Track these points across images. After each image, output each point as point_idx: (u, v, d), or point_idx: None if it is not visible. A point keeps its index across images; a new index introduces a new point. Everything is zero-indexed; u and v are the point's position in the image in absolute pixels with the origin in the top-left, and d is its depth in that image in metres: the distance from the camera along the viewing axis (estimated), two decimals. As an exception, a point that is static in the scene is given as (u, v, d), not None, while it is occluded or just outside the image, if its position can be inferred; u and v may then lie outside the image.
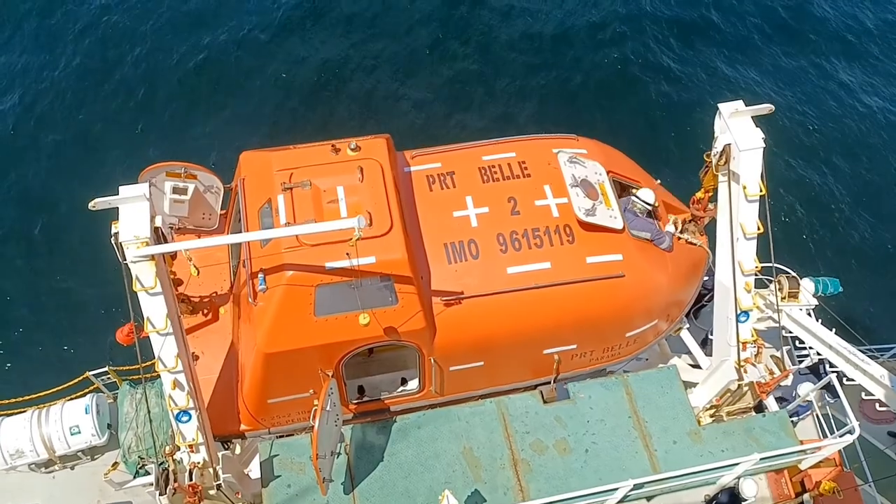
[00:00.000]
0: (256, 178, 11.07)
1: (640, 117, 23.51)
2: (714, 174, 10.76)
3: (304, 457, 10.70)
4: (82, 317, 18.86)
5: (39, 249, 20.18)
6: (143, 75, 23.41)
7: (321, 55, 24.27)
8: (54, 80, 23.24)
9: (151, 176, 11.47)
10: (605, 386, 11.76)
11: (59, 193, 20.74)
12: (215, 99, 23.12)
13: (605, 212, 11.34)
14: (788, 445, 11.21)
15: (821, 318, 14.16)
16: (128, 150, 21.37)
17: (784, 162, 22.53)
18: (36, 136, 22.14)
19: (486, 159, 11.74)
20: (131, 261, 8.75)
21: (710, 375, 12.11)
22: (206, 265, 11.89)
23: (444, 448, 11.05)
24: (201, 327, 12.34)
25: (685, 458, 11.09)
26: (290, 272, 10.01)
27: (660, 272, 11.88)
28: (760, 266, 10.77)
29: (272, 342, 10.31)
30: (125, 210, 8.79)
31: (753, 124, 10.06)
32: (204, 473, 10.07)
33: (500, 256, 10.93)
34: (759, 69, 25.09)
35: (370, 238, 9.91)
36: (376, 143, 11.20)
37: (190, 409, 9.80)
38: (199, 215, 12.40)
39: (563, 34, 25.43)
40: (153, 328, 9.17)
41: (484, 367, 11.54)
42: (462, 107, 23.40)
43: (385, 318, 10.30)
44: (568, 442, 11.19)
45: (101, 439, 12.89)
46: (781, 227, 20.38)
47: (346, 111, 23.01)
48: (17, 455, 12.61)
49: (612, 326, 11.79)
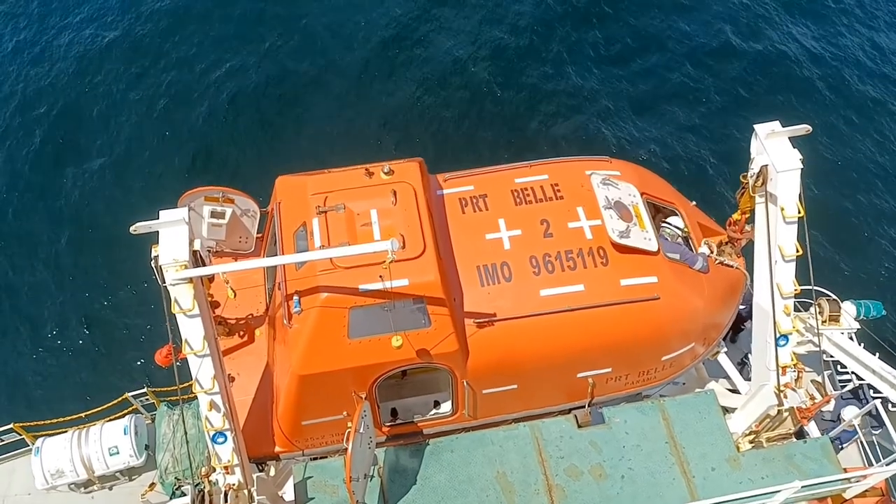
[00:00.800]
0: (292, 201, 11.24)
1: (676, 138, 23.37)
2: (751, 196, 10.63)
3: (338, 479, 10.69)
4: (122, 339, 19.24)
5: (80, 273, 20.68)
6: (183, 102, 24.03)
7: (354, 81, 24.65)
8: (95, 104, 23.97)
9: (190, 200, 11.70)
10: (641, 410, 11.58)
11: (101, 216, 21.31)
12: (253, 125, 23.61)
13: (640, 234, 11.26)
14: (831, 473, 10.89)
15: (863, 342, 13.85)
16: (168, 174, 21.88)
17: (823, 182, 22.15)
18: (79, 161, 22.80)
19: (518, 182, 11.76)
20: (170, 283, 8.92)
21: (749, 400, 11.86)
22: (242, 288, 12.10)
23: (478, 472, 10.96)
24: (237, 349, 12.47)
25: (724, 485, 10.84)
26: (324, 294, 10.10)
27: (696, 295, 11.72)
28: (800, 289, 10.58)
29: (306, 364, 10.39)
30: (165, 234, 8.99)
31: (790, 145, 9.95)
32: (239, 495, 10.14)
33: (533, 279, 10.90)
34: (797, 89, 24.80)
35: (403, 261, 9.97)
36: (409, 167, 11.31)
37: (226, 431, 9.89)
38: (235, 239, 12.60)
39: (596, 55, 25.49)
40: (191, 350, 9.31)
41: (517, 390, 11.47)
42: (494, 129, 23.53)
43: (418, 340, 10.32)
44: (604, 467, 11.02)
45: (138, 460, 13.06)
46: (821, 248, 20.01)
47: (379, 135, 23.30)
48: (58, 475, 12.83)
49: (648, 350, 11.65)
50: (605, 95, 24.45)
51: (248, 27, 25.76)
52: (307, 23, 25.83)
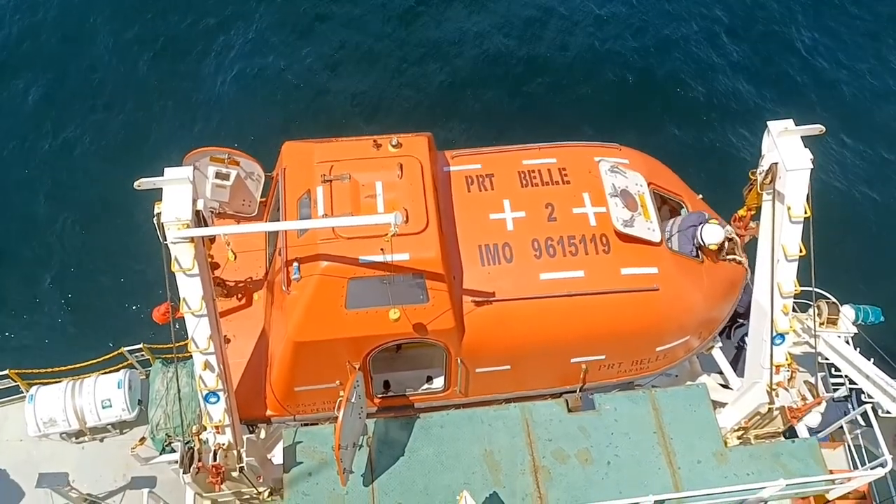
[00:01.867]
0: (297, 168, 11.20)
1: (686, 129, 23.19)
2: (758, 193, 10.58)
3: (327, 446, 10.80)
4: (120, 294, 19.30)
5: (85, 227, 20.70)
6: (194, 59, 23.85)
7: (370, 51, 24.44)
8: (101, 63, 23.81)
9: (196, 159, 11.68)
10: (632, 399, 11.64)
11: (105, 172, 21.19)
12: (261, 86, 23.44)
13: (644, 224, 11.22)
14: (816, 473, 10.98)
15: (859, 346, 13.84)
16: (174, 132, 21.78)
17: (831, 183, 22.01)
18: (85, 117, 22.68)
19: (526, 163, 11.71)
20: (171, 242, 8.92)
21: (741, 397, 11.91)
22: (243, 251, 12.05)
23: (465, 449, 11.06)
24: (235, 311, 12.52)
25: (709, 478, 10.92)
26: (324, 263, 10.10)
27: (695, 288, 11.72)
28: (800, 289, 10.57)
29: (302, 331, 10.42)
30: (168, 192, 8.96)
31: (802, 144, 9.87)
32: (228, 455, 10.23)
33: (534, 262, 10.89)
34: (812, 85, 24.52)
35: (405, 235, 9.94)
36: (417, 141, 11.25)
37: (219, 391, 9.96)
38: (239, 201, 12.59)
39: (610, 43, 25.22)
40: (188, 309, 9.34)
41: (510, 371, 11.52)
42: (506, 110, 23.34)
43: (415, 315, 10.34)
44: (590, 452, 11.11)
45: (130, 414, 13.19)
46: (824, 250, 19.84)
47: (390, 106, 23.13)
48: (50, 423, 12.97)
49: (643, 340, 11.67)
50: (618, 79, 24.23)
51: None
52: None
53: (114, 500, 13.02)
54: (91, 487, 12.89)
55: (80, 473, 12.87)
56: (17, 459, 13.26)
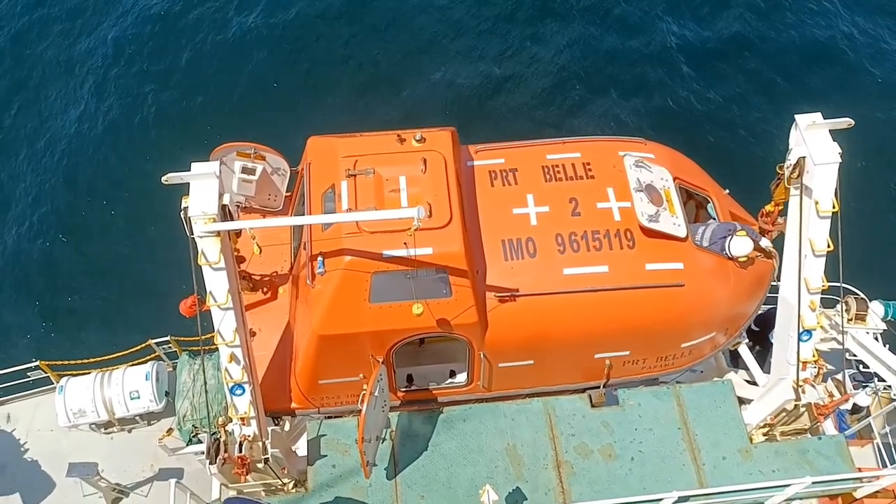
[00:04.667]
0: (322, 163, 11.26)
1: (714, 124, 22.94)
2: (786, 187, 10.44)
3: (350, 439, 10.88)
4: (149, 287, 19.51)
5: (114, 221, 20.99)
6: (222, 57, 24.05)
7: (394, 45, 24.46)
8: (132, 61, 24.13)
9: (223, 155, 11.78)
10: (656, 395, 11.58)
11: (134, 167, 21.51)
12: (287, 82, 23.58)
13: (669, 219, 11.13)
14: (844, 471, 10.85)
15: (888, 343, 13.63)
16: (203, 128, 21.97)
17: (859, 177, 21.58)
18: (117, 113, 23.00)
19: (549, 158, 11.67)
20: (198, 236, 9.03)
21: (767, 393, 11.78)
22: (268, 245, 12.22)
23: (488, 443, 11.08)
24: (260, 305, 12.63)
25: (734, 474, 10.85)
26: (348, 257, 10.17)
27: (721, 284, 11.61)
28: (828, 285, 10.42)
29: (327, 325, 10.50)
30: (195, 186, 9.07)
31: (831, 138, 9.72)
32: (253, 447, 10.35)
33: (558, 256, 10.86)
34: (844, 81, 24.10)
35: (429, 229, 9.97)
36: (441, 136, 11.25)
37: (244, 383, 10.07)
38: (264, 196, 12.69)
39: (637, 39, 25.00)
40: (214, 302, 9.44)
41: (534, 365, 11.51)
42: (530, 105, 23.26)
43: (438, 309, 10.36)
44: (614, 448, 11.08)
45: (158, 406, 13.37)
46: (853, 245, 19.52)
47: (414, 101, 23.14)
48: (80, 414, 13.19)
49: (668, 336, 11.59)
50: (643, 75, 24.02)
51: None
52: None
53: (141, 491, 13.22)
54: (119, 477, 13.10)
55: (109, 463, 13.08)
56: (47, 449, 13.52)
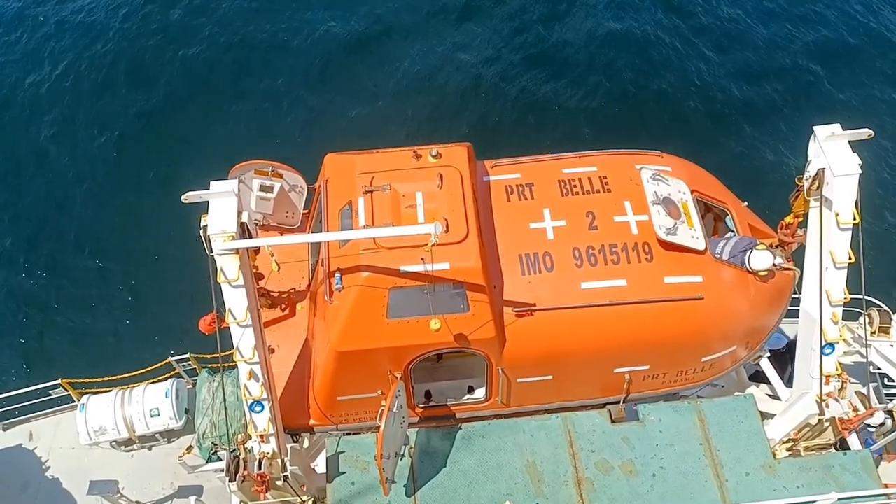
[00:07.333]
0: (339, 179, 11.33)
1: (731, 136, 22.85)
2: (805, 199, 10.36)
3: (369, 456, 10.85)
4: (167, 304, 19.71)
5: (134, 239, 21.23)
6: (239, 75, 24.37)
7: (408, 62, 24.66)
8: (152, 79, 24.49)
9: (241, 173, 11.91)
10: (677, 410, 11.45)
11: (150, 184, 21.78)
12: (304, 100, 23.81)
13: (687, 231, 11.07)
14: (870, 487, 10.64)
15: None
16: (220, 145, 22.24)
17: (881, 187, 21.41)
18: (136, 131, 23.35)
19: (566, 172, 11.66)
20: (217, 253, 9.11)
21: (790, 407, 11.63)
22: (286, 262, 12.25)
23: (508, 460, 10.99)
24: (278, 321, 12.68)
25: (757, 491, 10.67)
26: (365, 273, 10.19)
27: (741, 297, 11.50)
28: (850, 297, 10.30)
29: (345, 341, 10.52)
30: (214, 204, 9.16)
31: (850, 149, 9.64)
32: (272, 464, 10.36)
33: (575, 271, 10.82)
34: (863, 88, 23.94)
35: (445, 245, 9.99)
36: (457, 151, 11.29)
37: (263, 400, 10.10)
38: (282, 213, 12.79)
39: (654, 51, 25.03)
40: (234, 319, 9.50)
41: (552, 381, 11.43)
42: (546, 119, 23.32)
43: (456, 324, 10.35)
44: (635, 464, 10.95)
45: (178, 423, 13.44)
46: (875, 257, 19.34)
47: (430, 117, 23.28)
48: (101, 432, 13.29)
49: (688, 350, 11.48)
50: (659, 89, 24.02)
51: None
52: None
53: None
54: (140, 495, 13.16)
55: (130, 481, 13.17)
56: (69, 467, 13.62)
